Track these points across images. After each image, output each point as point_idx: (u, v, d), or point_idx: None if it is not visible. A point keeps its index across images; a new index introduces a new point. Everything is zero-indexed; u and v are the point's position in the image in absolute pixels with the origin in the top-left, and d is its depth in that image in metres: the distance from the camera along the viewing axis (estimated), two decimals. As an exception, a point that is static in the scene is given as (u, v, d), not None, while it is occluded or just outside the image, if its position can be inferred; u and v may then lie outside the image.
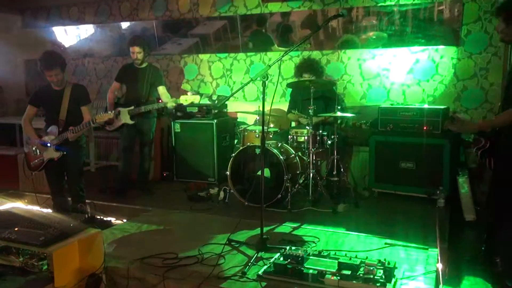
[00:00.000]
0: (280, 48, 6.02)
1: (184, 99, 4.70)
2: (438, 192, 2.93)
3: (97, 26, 7.13)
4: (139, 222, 3.89)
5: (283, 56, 3.15)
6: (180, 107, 5.46)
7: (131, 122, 4.76)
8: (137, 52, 4.81)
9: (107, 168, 6.56)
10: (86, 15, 7.22)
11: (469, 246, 3.71)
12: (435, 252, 3.09)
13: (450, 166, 4.34)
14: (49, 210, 4.44)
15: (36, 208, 4.54)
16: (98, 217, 4.06)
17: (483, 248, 3.29)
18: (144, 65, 4.94)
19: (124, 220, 4.16)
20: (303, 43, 4.93)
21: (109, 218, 4.40)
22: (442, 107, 4.68)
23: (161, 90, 5.01)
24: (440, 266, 2.72)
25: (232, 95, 3.46)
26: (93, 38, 7.27)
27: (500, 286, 2.93)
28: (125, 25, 6.97)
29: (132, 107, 4.74)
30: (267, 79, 2.98)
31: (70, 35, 7.45)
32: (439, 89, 5.24)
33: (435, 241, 3.15)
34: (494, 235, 3.17)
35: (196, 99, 4.71)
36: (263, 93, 2.95)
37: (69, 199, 4.19)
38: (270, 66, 3.03)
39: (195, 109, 5.56)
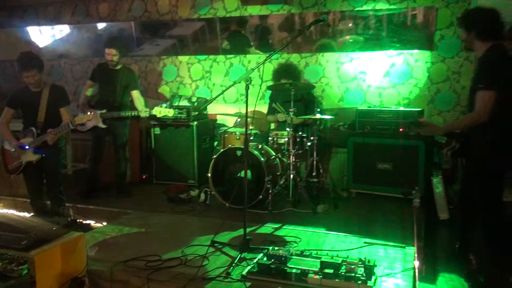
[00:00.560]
0: (258, 51, 6.08)
1: (158, 111, 4.56)
2: (413, 192, 3.03)
3: (73, 26, 7.03)
4: (120, 225, 3.88)
5: (266, 59, 3.20)
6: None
7: (103, 126, 4.66)
8: (112, 54, 4.76)
9: (83, 171, 6.46)
10: (63, 15, 7.11)
11: (444, 244, 3.83)
12: (412, 250, 3.19)
13: (425, 166, 4.48)
14: (26, 214, 4.38)
15: (12, 212, 4.47)
16: (79, 220, 4.01)
17: (457, 246, 3.42)
18: (118, 66, 4.90)
19: (104, 223, 4.14)
20: (286, 46, 4.99)
21: (88, 221, 4.36)
22: (417, 109, 4.84)
23: (135, 94, 4.95)
24: (417, 263, 2.81)
25: (216, 97, 3.49)
26: (69, 39, 7.17)
27: (474, 282, 3.05)
28: (102, 25, 6.90)
29: (104, 111, 4.65)
30: (250, 82, 3.02)
31: (45, 36, 7.32)
32: (414, 92, 5.39)
33: (411, 240, 3.25)
34: (467, 233, 3.30)
35: (169, 113, 4.59)
36: (247, 95, 3.00)
37: (48, 202, 4.13)
38: (253, 70, 3.08)
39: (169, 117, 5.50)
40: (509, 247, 2.95)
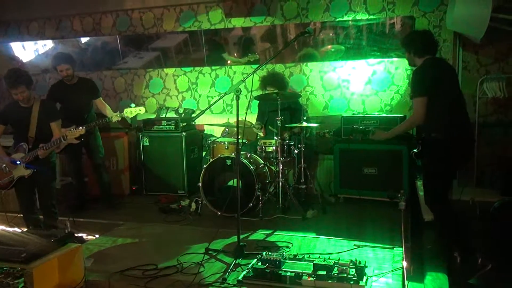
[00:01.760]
0: (232, 58, 6.20)
1: (129, 112, 4.54)
2: (399, 195, 3.16)
3: (57, 41, 7.05)
4: (114, 236, 3.92)
5: (256, 70, 3.33)
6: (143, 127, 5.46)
7: (75, 141, 4.60)
8: (66, 69, 4.74)
9: (70, 184, 6.44)
10: (47, 31, 7.13)
11: (429, 244, 3.97)
12: (400, 251, 3.32)
13: (409, 170, 4.64)
14: (17, 229, 4.37)
15: (1, 228, 4.45)
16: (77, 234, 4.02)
17: (439, 244, 3.57)
18: (74, 80, 4.89)
19: (97, 236, 4.16)
20: (274, 58, 5.14)
21: (80, 234, 4.37)
22: (399, 115, 5.00)
23: (100, 102, 4.97)
24: (405, 263, 2.92)
25: (208, 107, 3.61)
26: (53, 53, 7.17)
27: (459, 279, 3.18)
28: (86, 39, 6.95)
29: (73, 127, 4.59)
30: (240, 93, 3.13)
31: (28, 51, 7.32)
32: (396, 99, 5.58)
33: (399, 241, 3.38)
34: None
35: (141, 110, 4.60)
36: (237, 106, 3.10)
37: (41, 216, 4.14)
38: (243, 81, 3.19)
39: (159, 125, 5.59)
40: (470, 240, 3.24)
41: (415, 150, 3.36)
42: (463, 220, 3.34)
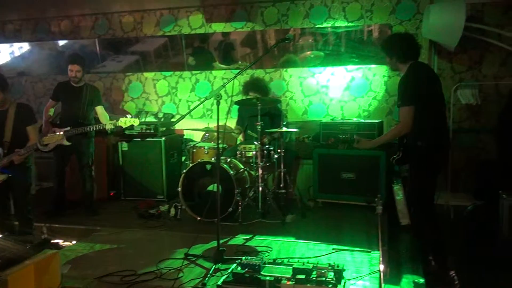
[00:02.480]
0: (222, 66, 6.22)
1: (123, 122, 4.57)
2: (376, 199, 3.22)
3: (34, 43, 6.94)
4: (91, 242, 3.87)
5: (237, 75, 3.34)
6: (121, 131, 5.41)
7: (67, 143, 4.57)
8: (76, 71, 4.74)
9: (48, 190, 6.33)
10: (23, 32, 7.01)
11: (406, 247, 4.05)
12: (377, 254, 3.38)
13: (386, 175, 4.72)
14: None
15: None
16: (53, 240, 3.97)
17: (415, 248, 3.64)
18: (81, 83, 4.88)
19: (74, 242, 4.10)
20: (255, 63, 5.19)
21: (57, 240, 4.31)
22: (377, 121, 5.10)
23: (100, 110, 4.96)
24: (382, 267, 2.98)
25: (189, 112, 3.60)
26: (29, 56, 7.08)
27: (434, 282, 3.26)
28: (63, 42, 6.86)
29: (69, 128, 4.60)
30: (220, 98, 3.14)
31: (3, 53, 7.18)
32: (373, 105, 5.68)
33: (376, 245, 3.44)
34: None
35: (135, 122, 4.61)
36: (218, 111, 3.11)
37: (16, 223, 4.05)
38: (223, 86, 3.21)
39: (138, 129, 5.53)
40: (444, 245, 3.27)
41: (395, 157, 3.40)
42: (439, 225, 3.42)
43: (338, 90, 5.79)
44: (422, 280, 3.23)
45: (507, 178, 4.30)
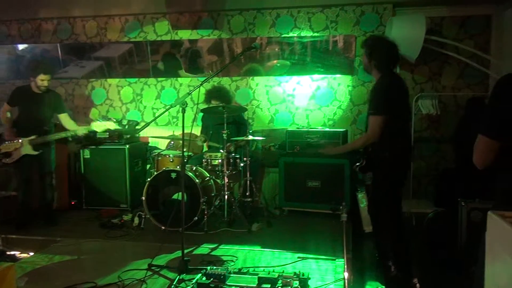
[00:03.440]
0: (188, 74, 6.18)
1: (97, 126, 4.51)
2: (341, 207, 3.26)
3: (-8, 47, 6.69)
4: (50, 254, 3.73)
5: (204, 82, 3.32)
6: (90, 135, 5.28)
7: (34, 153, 4.47)
8: (47, 80, 4.58)
9: (6, 199, 6.07)
10: (-20, 36, 6.74)
11: (369, 254, 4.12)
12: (341, 262, 3.41)
13: (350, 183, 4.80)
14: None
15: None
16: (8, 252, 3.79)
17: (377, 255, 3.71)
18: (44, 90, 4.70)
19: (31, 253, 3.94)
20: (221, 71, 5.17)
21: (13, 252, 4.13)
22: (341, 129, 5.18)
23: (64, 117, 4.81)
24: (346, 274, 3.01)
25: (155, 119, 3.56)
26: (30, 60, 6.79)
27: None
28: (23, 46, 6.64)
29: (34, 137, 4.48)
30: (186, 106, 3.11)
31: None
32: (338, 113, 5.77)
33: (341, 252, 3.47)
34: (382, 241, 3.60)
35: (111, 125, 4.54)
36: (183, 119, 3.08)
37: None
38: (189, 94, 3.18)
39: (105, 135, 5.40)
40: (408, 252, 3.31)
41: (358, 164, 3.46)
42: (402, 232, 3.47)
43: (304, 99, 5.86)
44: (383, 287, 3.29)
45: (465, 186, 4.44)
